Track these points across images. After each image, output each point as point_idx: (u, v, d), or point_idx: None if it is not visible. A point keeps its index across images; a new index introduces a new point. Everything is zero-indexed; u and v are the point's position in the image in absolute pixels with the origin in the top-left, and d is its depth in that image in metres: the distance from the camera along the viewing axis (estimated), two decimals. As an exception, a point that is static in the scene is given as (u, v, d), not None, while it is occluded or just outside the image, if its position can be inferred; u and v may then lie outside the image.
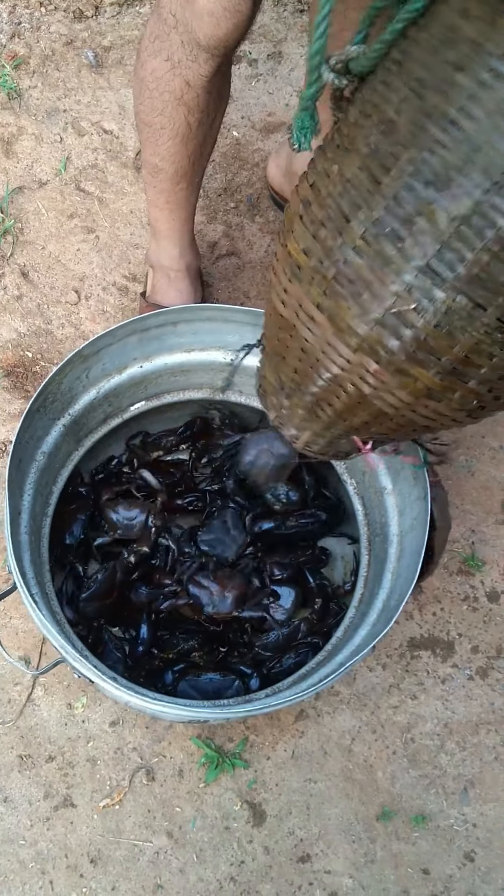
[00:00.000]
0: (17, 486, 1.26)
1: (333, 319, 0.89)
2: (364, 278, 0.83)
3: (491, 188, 0.71)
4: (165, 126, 1.28)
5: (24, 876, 1.37)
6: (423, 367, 0.83)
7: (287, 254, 0.93)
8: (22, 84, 1.96)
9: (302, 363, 0.97)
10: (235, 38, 1.12)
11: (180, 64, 1.18)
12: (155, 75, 1.22)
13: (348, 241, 0.84)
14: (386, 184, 0.78)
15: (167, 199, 1.42)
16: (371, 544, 1.41)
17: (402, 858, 1.42)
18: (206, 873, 1.39)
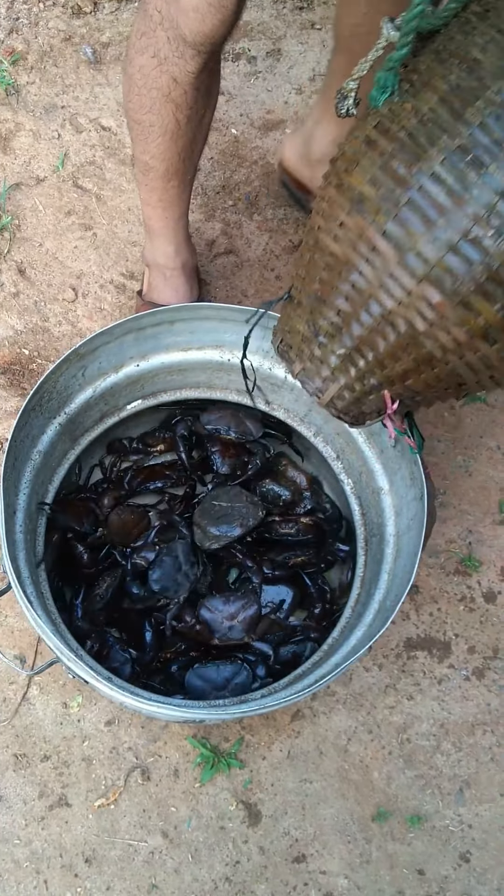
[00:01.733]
0: (12, 484, 1.26)
1: (400, 247, 0.90)
2: (440, 204, 0.86)
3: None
4: (154, 123, 1.27)
5: (18, 875, 1.37)
6: (488, 300, 0.85)
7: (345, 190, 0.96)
8: (20, 80, 1.95)
9: (350, 303, 0.98)
10: (221, 34, 1.12)
11: (167, 60, 1.17)
12: (142, 72, 1.21)
13: (425, 169, 0.87)
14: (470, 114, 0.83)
15: (159, 198, 1.41)
16: (368, 544, 1.40)
17: (397, 859, 1.42)
18: (202, 873, 1.39)
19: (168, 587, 1.39)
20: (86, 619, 1.36)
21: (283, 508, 1.49)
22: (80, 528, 1.41)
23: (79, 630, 1.34)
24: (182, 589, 1.39)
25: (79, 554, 1.39)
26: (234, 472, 1.50)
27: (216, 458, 1.50)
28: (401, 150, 0.92)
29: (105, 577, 1.41)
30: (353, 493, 1.45)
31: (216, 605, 1.38)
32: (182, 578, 1.39)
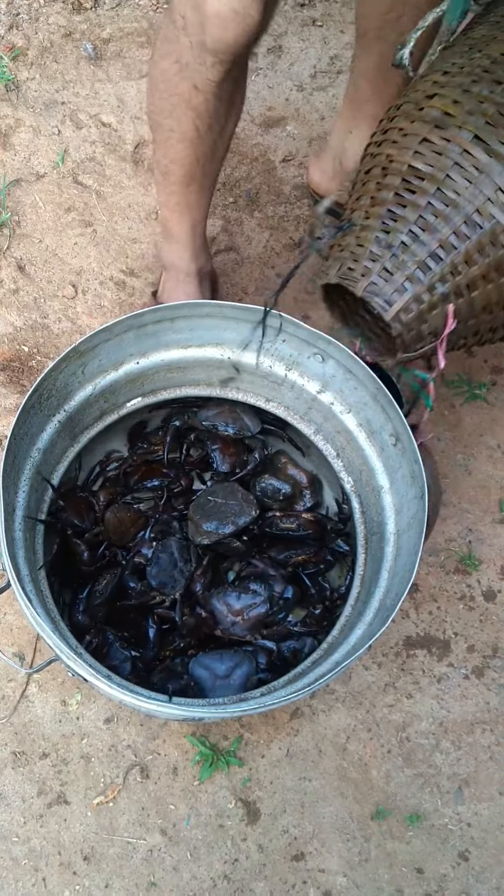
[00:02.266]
0: (11, 482, 1.25)
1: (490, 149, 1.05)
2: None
3: None
4: (174, 129, 1.27)
5: (17, 873, 1.37)
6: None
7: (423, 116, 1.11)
8: (20, 76, 1.94)
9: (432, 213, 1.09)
10: (244, 44, 1.10)
11: (188, 67, 1.16)
12: (164, 76, 1.21)
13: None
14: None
15: (177, 202, 1.41)
16: (368, 543, 1.40)
17: (396, 857, 1.42)
18: (200, 871, 1.39)
19: (165, 582, 1.39)
20: (86, 615, 1.36)
21: (283, 503, 1.49)
22: (81, 525, 1.41)
23: (78, 626, 1.33)
24: (178, 584, 1.39)
25: (80, 551, 1.39)
26: (233, 470, 1.50)
27: (216, 456, 1.50)
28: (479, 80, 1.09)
29: (104, 574, 1.41)
30: (353, 492, 1.44)
31: (227, 599, 1.38)
32: (178, 574, 1.39)
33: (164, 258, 1.58)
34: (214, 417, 1.50)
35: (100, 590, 1.39)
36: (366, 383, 1.32)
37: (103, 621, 1.38)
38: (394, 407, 1.28)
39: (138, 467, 1.54)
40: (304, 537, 1.45)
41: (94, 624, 1.37)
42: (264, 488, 1.50)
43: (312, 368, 1.38)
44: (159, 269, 1.77)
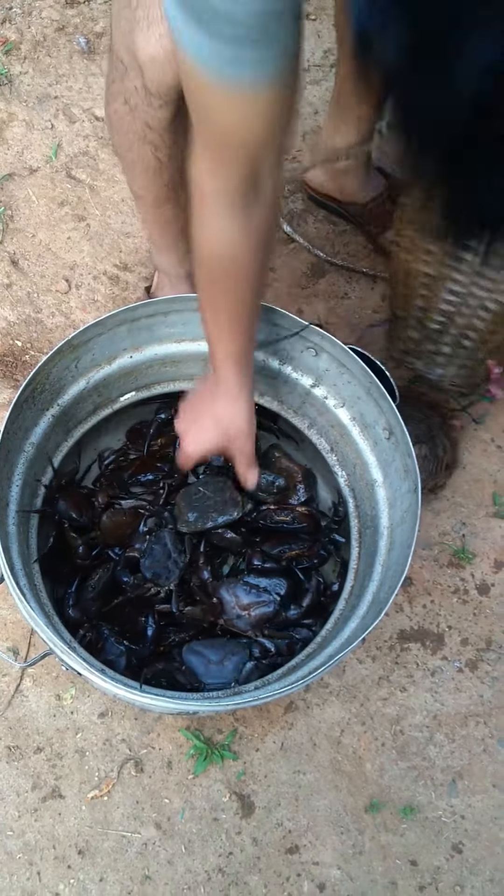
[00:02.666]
0: (4, 476, 1.25)
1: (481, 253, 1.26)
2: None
3: None
4: (136, 161, 1.26)
5: (11, 867, 1.37)
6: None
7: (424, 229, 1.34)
8: (13, 70, 1.93)
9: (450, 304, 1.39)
10: None
11: (137, 108, 1.16)
12: (118, 116, 1.20)
13: None
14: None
15: (155, 219, 1.42)
16: (361, 537, 1.40)
17: (390, 850, 1.43)
18: (195, 864, 1.39)
19: (160, 573, 1.39)
20: (77, 609, 1.36)
21: (277, 496, 1.49)
22: (79, 518, 1.40)
23: (69, 619, 1.33)
24: (173, 576, 1.38)
25: (76, 545, 1.39)
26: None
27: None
28: None
29: (97, 569, 1.41)
30: (347, 486, 1.44)
31: (237, 591, 1.38)
32: (172, 566, 1.39)
33: (154, 260, 1.59)
34: None
35: (92, 584, 1.39)
36: (359, 377, 1.32)
37: (96, 616, 1.38)
38: (387, 400, 1.28)
39: (132, 462, 1.54)
40: (298, 530, 1.45)
41: (85, 618, 1.37)
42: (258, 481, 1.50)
43: (306, 362, 1.38)
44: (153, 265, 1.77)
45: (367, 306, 1.81)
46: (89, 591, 1.38)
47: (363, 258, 1.85)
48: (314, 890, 1.39)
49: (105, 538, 1.43)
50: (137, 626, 1.39)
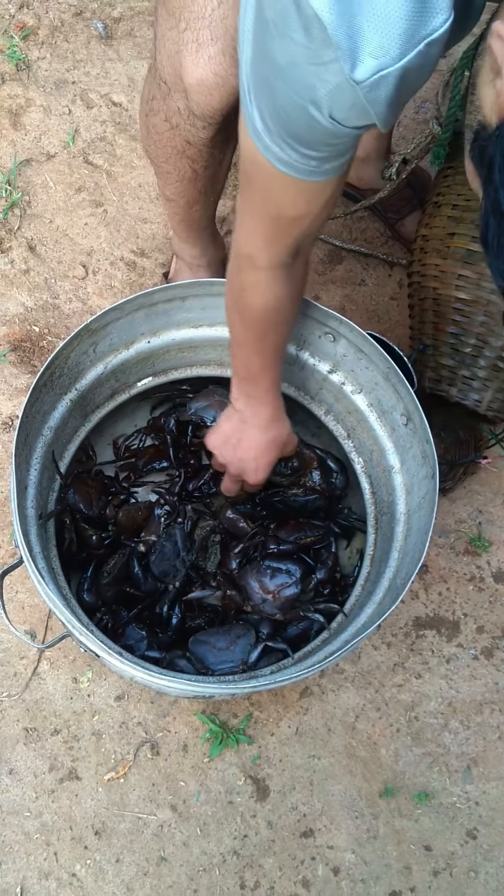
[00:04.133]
0: (23, 460, 1.26)
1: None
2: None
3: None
4: (171, 172, 1.26)
5: (28, 847, 1.39)
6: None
7: (452, 254, 1.39)
8: (30, 55, 1.93)
9: (485, 326, 1.39)
10: (232, 104, 1.07)
11: (179, 126, 1.15)
12: (157, 130, 1.20)
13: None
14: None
15: (182, 218, 1.42)
16: (378, 523, 1.40)
17: (404, 835, 1.43)
18: (210, 847, 1.40)
19: (168, 572, 1.39)
20: (92, 594, 1.37)
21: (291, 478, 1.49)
22: (87, 512, 1.40)
23: (85, 604, 1.34)
24: (179, 574, 1.39)
25: (88, 535, 1.39)
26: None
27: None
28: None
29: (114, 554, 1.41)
30: (364, 472, 1.44)
31: (262, 577, 1.39)
32: (180, 564, 1.39)
33: (174, 248, 1.58)
34: (203, 410, 1.50)
35: (108, 569, 1.39)
36: (377, 363, 1.32)
37: (112, 601, 1.39)
38: (405, 386, 1.28)
39: (147, 449, 1.54)
40: (311, 503, 1.45)
41: (101, 603, 1.37)
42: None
43: (324, 348, 1.38)
44: (170, 250, 1.76)
45: (385, 293, 1.80)
46: (105, 576, 1.39)
47: (381, 245, 1.85)
48: (328, 873, 1.40)
49: (121, 531, 1.43)
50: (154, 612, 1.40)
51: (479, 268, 1.36)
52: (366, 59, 0.62)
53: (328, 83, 0.67)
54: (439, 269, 1.43)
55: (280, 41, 0.67)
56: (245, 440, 1.30)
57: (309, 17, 0.62)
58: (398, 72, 0.63)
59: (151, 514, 1.45)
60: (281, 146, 0.80)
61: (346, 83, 0.65)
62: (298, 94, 0.70)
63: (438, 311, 1.45)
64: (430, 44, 0.62)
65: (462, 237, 1.38)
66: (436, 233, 1.44)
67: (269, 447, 1.31)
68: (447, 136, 1.40)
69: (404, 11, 0.59)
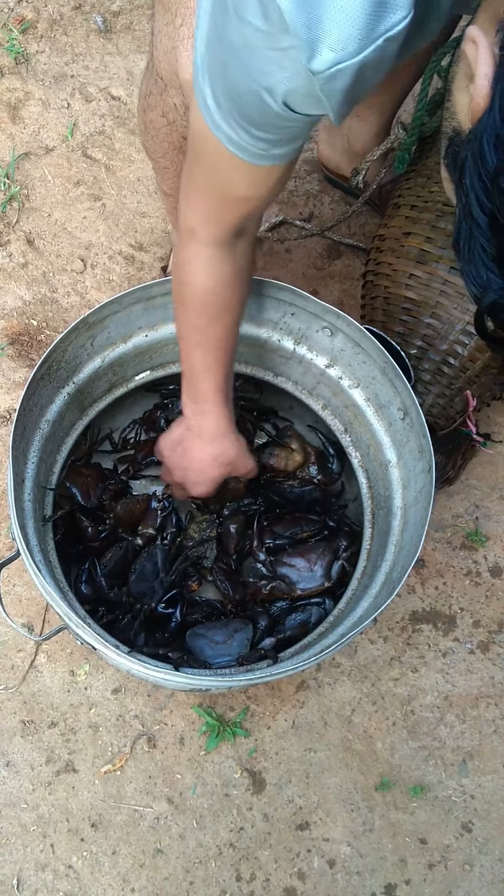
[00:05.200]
0: (20, 453, 1.26)
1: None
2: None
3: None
4: (168, 167, 1.26)
5: (25, 839, 1.39)
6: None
7: (405, 253, 1.40)
8: (29, 48, 1.93)
9: (432, 328, 1.39)
10: None
11: (175, 122, 1.15)
12: (154, 126, 1.19)
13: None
14: None
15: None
16: (374, 517, 1.41)
17: (400, 828, 1.44)
18: (206, 839, 1.41)
19: (144, 592, 1.38)
20: (89, 586, 1.37)
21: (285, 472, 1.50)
22: (84, 503, 1.40)
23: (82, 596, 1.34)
24: (155, 596, 1.37)
25: (83, 527, 1.39)
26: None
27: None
28: (442, 214, 1.36)
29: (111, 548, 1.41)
30: (361, 467, 1.45)
31: (292, 560, 1.39)
32: (158, 585, 1.38)
33: (174, 243, 1.59)
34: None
35: (104, 562, 1.39)
36: (374, 357, 1.32)
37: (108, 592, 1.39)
38: (402, 381, 1.28)
39: (145, 443, 1.54)
40: (307, 494, 1.45)
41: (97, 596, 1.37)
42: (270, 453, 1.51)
43: (321, 342, 1.38)
44: (169, 244, 1.76)
45: (383, 288, 1.80)
46: (101, 568, 1.39)
47: (379, 239, 1.85)
48: (324, 866, 1.41)
49: (119, 524, 1.43)
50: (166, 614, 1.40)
51: (430, 268, 1.37)
52: (324, 50, 0.62)
53: (285, 69, 0.67)
54: (392, 268, 1.43)
55: (237, 24, 0.67)
56: (190, 451, 1.27)
57: (267, 3, 0.62)
58: (356, 66, 0.63)
59: (149, 506, 1.45)
60: (232, 126, 0.79)
61: (303, 72, 0.65)
62: (252, 77, 0.70)
63: (388, 311, 1.45)
64: (388, 39, 0.62)
65: (416, 237, 1.39)
66: (392, 232, 1.45)
67: (213, 464, 1.27)
68: (412, 141, 1.41)
69: (364, 6, 0.59)
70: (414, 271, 1.39)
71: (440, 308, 1.38)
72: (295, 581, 1.38)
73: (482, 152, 0.55)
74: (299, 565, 1.39)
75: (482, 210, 0.56)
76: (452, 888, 1.41)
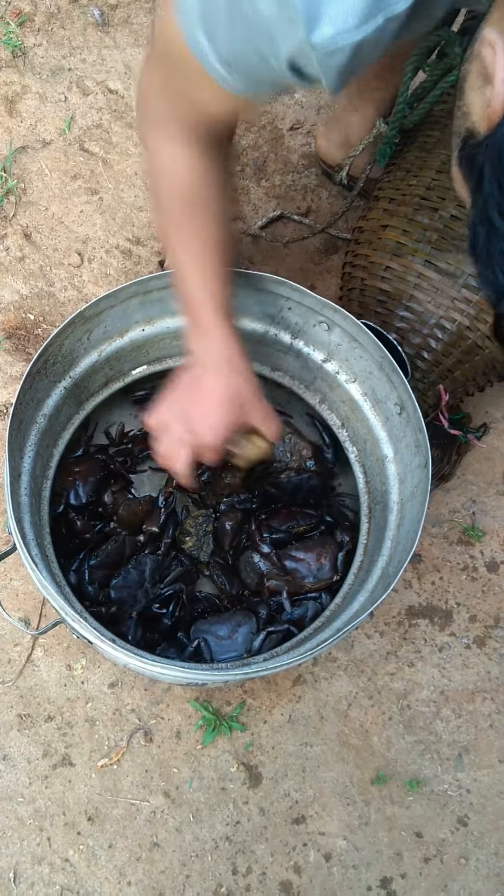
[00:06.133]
0: (17, 447, 1.26)
1: (441, 269, 1.33)
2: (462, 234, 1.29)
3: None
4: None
5: (22, 832, 1.39)
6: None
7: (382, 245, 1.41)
8: (27, 42, 1.92)
9: (406, 322, 1.40)
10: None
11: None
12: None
13: (444, 215, 1.33)
14: None
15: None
16: (371, 512, 1.41)
17: (395, 822, 1.44)
18: (202, 832, 1.41)
19: (125, 599, 1.36)
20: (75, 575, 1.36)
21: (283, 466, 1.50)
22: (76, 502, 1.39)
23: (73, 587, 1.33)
24: (137, 605, 1.36)
25: (72, 519, 1.38)
26: None
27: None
28: (420, 208, 1.37)
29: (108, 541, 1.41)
30: (358, 462, 1.45)
31: (299, 554, 1.40)
32: (141, 596, 1.36)
33: None
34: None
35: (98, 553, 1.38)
36: (371, 352, 1.32)
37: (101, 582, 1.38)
38: (399, 375, 1.28)
39: (143, 437, 1.54)
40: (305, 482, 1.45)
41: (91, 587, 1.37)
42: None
43: (318, 337, 1.38)
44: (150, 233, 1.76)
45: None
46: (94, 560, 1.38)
47: (377, 234, 1.84)
48: (320, 859, 1.41)
49: (122, 527, 1.43)
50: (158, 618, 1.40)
51: (406, 261, 1.37)
52: (324, 25, 0.63)
53: (290, 40, 0.68)
54: (369, 261, 1.44)
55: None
56: (195, 386, 1.09)
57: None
58: (354, 43, 0.64)
59: (154, 506, 1.44)
60: (220, 63, 0.78)
61: (305, 44, 0.66)
62: (260, 41, 0.71)
63: (363, 303, 1.45)
64: (389, 19, 0.63)
65: (393, 230, 1.39)
66: (371, 224, 1.45)
67: (223, 401, 1.08)
68: (393, 135, 1.42)
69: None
70: (390, 264, 1.39)
71: (414, 301, 1.38)
72: (304, 576, 1.38)
73: (501, 159, 0.56)
74: (308, 559, 1.39)
75: (501, 215, 0.56)
76: (448, 882, 1.42)
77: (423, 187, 1.38)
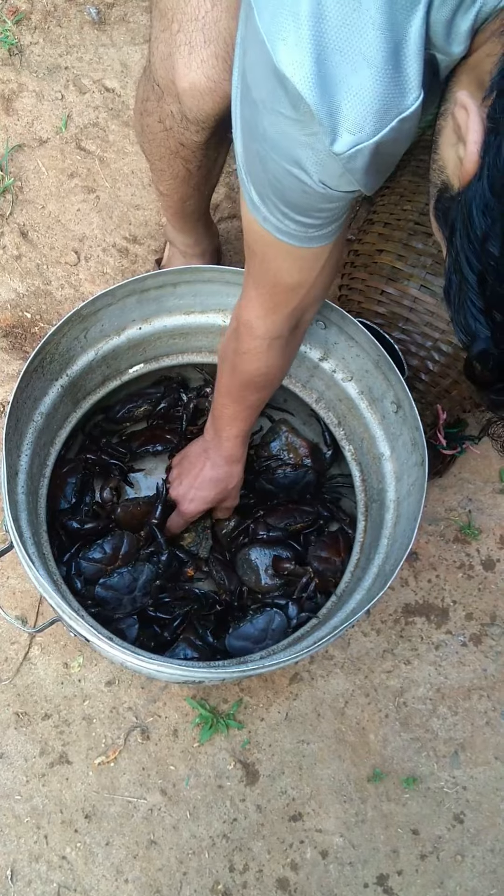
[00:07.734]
0: (14, 446, 1.26)
1: (437, 294, 1.34)
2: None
3: None
4: (165, 170, 1.26)
5: (19, 830, 1.39)
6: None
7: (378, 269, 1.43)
8: (23, 40, 1.92)
9: (402, 344, 1.40)
10: (225, 110, 1.06)
11: (172, 129, 1.14)
12: (151, 130, 1.19)
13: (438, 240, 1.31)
14: None
15: (175, 212, 1.41)
16: (368, 510, 1.41)
17: (392, 819, 1.45)
18: (199, 830, 1.41)
19: (110, 601, 1.34)
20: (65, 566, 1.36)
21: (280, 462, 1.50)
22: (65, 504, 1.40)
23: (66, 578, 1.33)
24: (122, 610, 1.35)
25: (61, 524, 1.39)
26: None
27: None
28: (414, 233, 1.38)
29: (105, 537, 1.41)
30: (354, 460, 1.45)
31: (324, 553, 1.41)
32: (128, 602, 1.35)
33: (168, 235, 1.58)
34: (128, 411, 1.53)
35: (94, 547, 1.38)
36: (368, 350, 1.32)
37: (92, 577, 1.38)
38: (395, 374, 1.28)
39: (141, 432, 1.54)
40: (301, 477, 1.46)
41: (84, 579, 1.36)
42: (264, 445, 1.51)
43: (315, 335, 1.38)
44: (163, 237, 1.76)
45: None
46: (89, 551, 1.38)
47: (373, 233, 1.85)
48: (317, 856, 1.41)
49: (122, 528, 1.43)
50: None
51: (402, 286, 1.39)
52: (343, 133, 0.68)
53: (317, 153, 0.72)
54: (365, 284, 1.46)
55: (269, 116, 0.72)
56: (198, 465, 1.37)
57: (295, 95, 0.66)
58: (373, 145, 0.68)
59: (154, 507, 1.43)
60: (277, 216, 0.85)
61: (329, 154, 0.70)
62: (290, 162, 0.75)
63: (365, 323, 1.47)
64: (402, 120, 0.67)
65: (389, 254, 1.41)
66: (366, 248, 1.47)
67: (212, 485, 1.36)
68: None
69: (379, 90, 0.64)
70: (386, 288, 1.42)
71: (410, 324, 1.40)
72: (333, 573, 1.39)
73: (471, 217, 0.58)
74: (333, 558, 1.40)
75: (471, 269, 0.59)
76: (444, 879, 1.42)
77: (416, 212, 1.40)
